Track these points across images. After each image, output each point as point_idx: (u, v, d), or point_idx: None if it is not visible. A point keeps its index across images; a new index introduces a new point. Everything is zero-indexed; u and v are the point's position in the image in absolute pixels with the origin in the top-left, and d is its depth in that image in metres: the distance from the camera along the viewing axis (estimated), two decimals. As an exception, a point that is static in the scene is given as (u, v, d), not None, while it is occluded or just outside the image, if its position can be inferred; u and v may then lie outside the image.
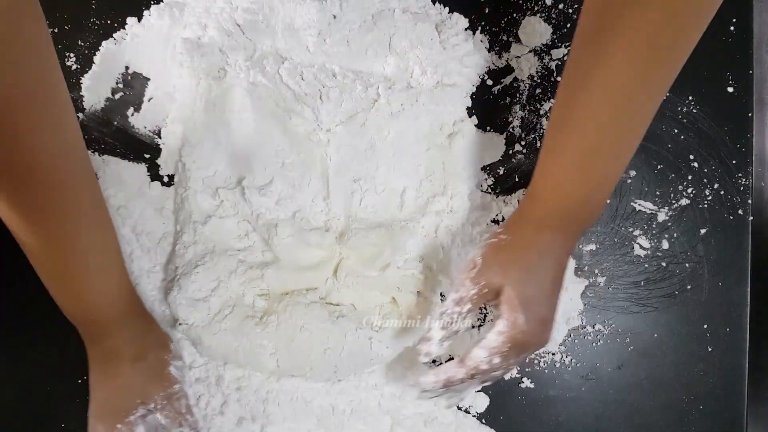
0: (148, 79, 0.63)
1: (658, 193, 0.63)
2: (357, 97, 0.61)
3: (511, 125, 0.64)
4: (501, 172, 0.64)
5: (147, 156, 0.63)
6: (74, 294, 0.54)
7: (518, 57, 0.64)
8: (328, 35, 0.60)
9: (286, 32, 0.60)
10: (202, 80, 0.61)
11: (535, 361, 0.63)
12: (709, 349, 0.63)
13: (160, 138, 0.63)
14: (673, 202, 0.63)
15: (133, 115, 0.63)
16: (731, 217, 0.63)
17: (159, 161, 0.63)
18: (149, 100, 0.63)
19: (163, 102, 0.63)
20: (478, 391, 0.61)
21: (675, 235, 0.63)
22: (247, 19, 0.59)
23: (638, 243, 0.63)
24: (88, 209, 0.51)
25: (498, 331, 0.50)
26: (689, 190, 0.63)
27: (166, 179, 0.63)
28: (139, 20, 0.63)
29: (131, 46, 0.63)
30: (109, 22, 0.62)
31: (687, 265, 0.63)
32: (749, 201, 0.63)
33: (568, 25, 0.64)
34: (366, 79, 0.61)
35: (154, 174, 0.63)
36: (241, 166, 0.61)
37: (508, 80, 0.64)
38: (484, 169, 0.64)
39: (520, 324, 0.50)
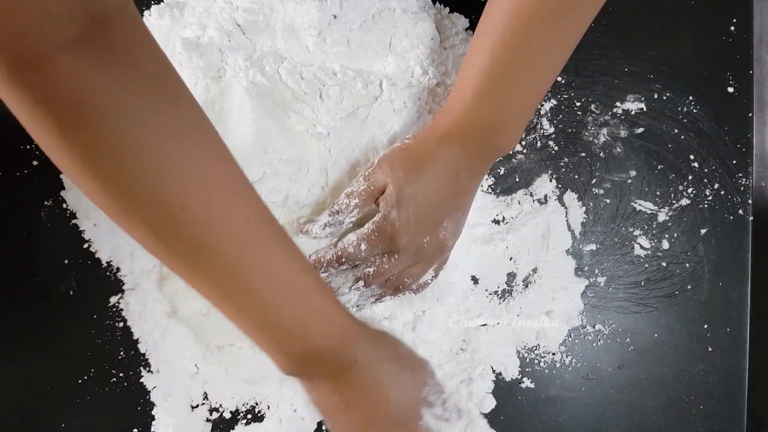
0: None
1: (658, 193, 0.63)
2: (357, 95, 0.61)
3: (511, 125, 0.64)
4: (501, 172, 0.64)
5: (147, 156, 0.63)
6: (289, 332, 0.46)
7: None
8: (328, 35, 0.60)
9: (286, 32, 0.60)
10: (201, 80, 0.61)
11: (535, 361, 0.63)
12: (709, 349, 0.63)
13: (160, 138, 0.63)
14: (674, 202, 0.63)
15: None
16: (731, 217, 0.63)
17: None
18: None
19: None
20: (487, 393, 0.61)
21: (675, 235, 0.63)
22: (247, 19, 0.60)
23: (638, 243, 0.63)
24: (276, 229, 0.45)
25: (372, 221, 0.53)
26: (689, 190, 0.63)
27: (166, 179, 0.63)
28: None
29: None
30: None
31: (687, 265, 0.63)
32: (749, 201, 0.63)
33: (569, 25, 0.64)
34: (366, 77, 0.61)
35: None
36: (239, 164, 0.61)
37: (508, 80, 0.64)
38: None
39: (391, 218, 0.52)
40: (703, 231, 0.63)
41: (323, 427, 0.62)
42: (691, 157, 0.63)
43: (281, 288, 0.44)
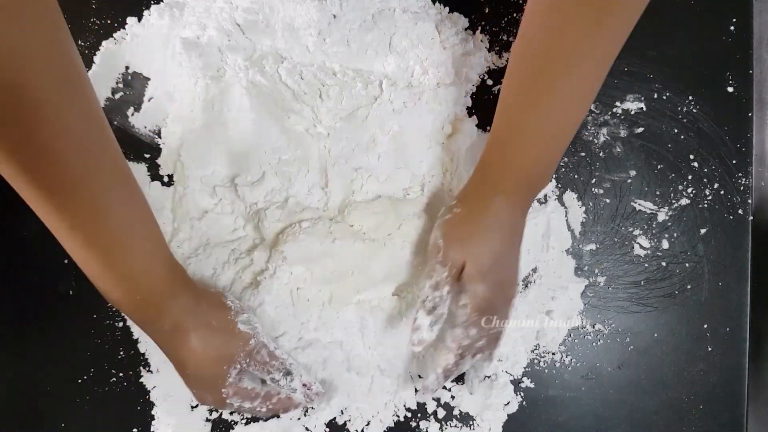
0: (149, 79, 0.63)
1: (658, 192, 0.63)
2: (357, 95, 0.61)
3: (511, 125, 0.64)
4: (501, 172, 0.64)
5: (147, 156, 0.63)
6: (120, 277, 0.50)
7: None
8: (328, 35, 0.60)
9: (285, 32, 0.60)
10: (200, 80, 0.61)
11: (535, 361, 0.63)
12: (709, 349, 0.63)
13: (160, 138, 0.63)
14: (673, 201, 0.63)
15: (133, 114, 0.63)
16: (731, 217, 0.63)
17: (159, 161, 0.63)
18: (149, 100, 0.63)
19: (163, 102, 0.63)
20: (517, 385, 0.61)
21: (675, 234, 0.63)
22: (247, 18, 0.60)
23: (638, 243, 0.63)
24: (117, 181, 0.47)
25: (462, 305, 0.54)
26: (689, 190, 0.63)
27: (166, 179, 0.63)
28: (139, 20, 0.63)
29: (131, 46, 0.63)
30: (109, 22, 0.62)
31: (687, 264, 0.63)
32: (749, 201, 0.63)
33: (568, 25, 0.64)
34: (366, 77, 0.61)
35: (154, 174, 0.63)
36: (238, 164, 0.61)
37: (508, 80, 0.64)
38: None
39: (480, 293, 0.53)
40: (702, 231, 0.63)
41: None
42: (691, 156, 0.63)
43: (122, 234, 0.48)
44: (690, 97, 0.63)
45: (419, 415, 0.63)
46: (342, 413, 0.63)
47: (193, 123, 0.61)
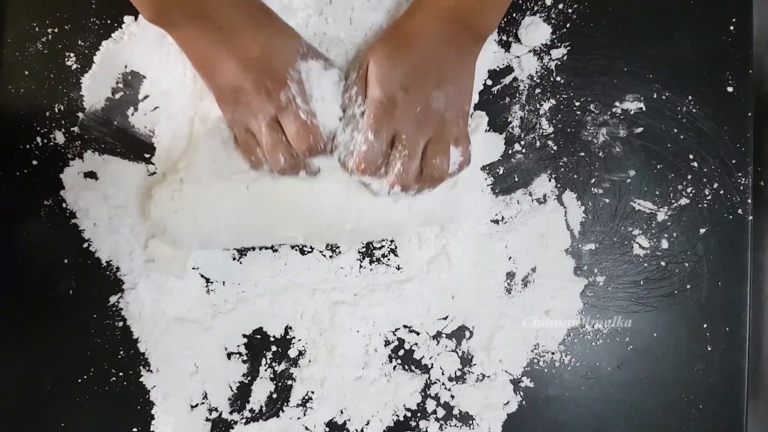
0: (146, 77, 0.63)
1: (657, 192, 0.63)
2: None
3: (510, 125, 0.64)
4: (500, 172, 0.64)
5: (147, 156, 0.63)
6: None
7: (518, 57, 0.64)
8: (329, 14, 0.60)
9: (283, 13, 0.59)
10: (189, 70, 0.61)
11: (535, 361, 0.63)
12: (709, 349, 0.63)
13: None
14: (673, 201, 0.63)
15: (133, 114, 0.63)
16: (731, 217, 0.63)
17: (153, 159, 0.63)
18: (144, 99, 0.63)
19: (159, 100, 0.63)
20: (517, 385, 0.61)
21: (674, 234, 0.63)
22: None
23: (637, 242, 0.63)
24: None
25: (364, 110, 0.54)
26: (689, 190, 0.63)
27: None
28: (136, 18, 0.63)
29: (129, 44, 0.62)
30: (109, 22, 0.63)
31: (686, 264, 0.63)
32: (749, 201, 0.63)
33: (568, 25, 0.64)
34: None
35: (155, 173, 0.63)
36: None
37: (507, 80, 0.64)
38: (483, 168, 0.64)
39: (376, 95, 0.52)
40: (702, 230, 0.63)
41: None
42: (691, 156, 0.63)
43: None
44: (689, 97, 0.63)
45: (419, 414, 0.63)
46: (341, 413, 0.63)
47: (184, 116, 0.61)
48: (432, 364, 0.63)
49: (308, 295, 0.63)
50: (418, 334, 0.63)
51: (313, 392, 0.63)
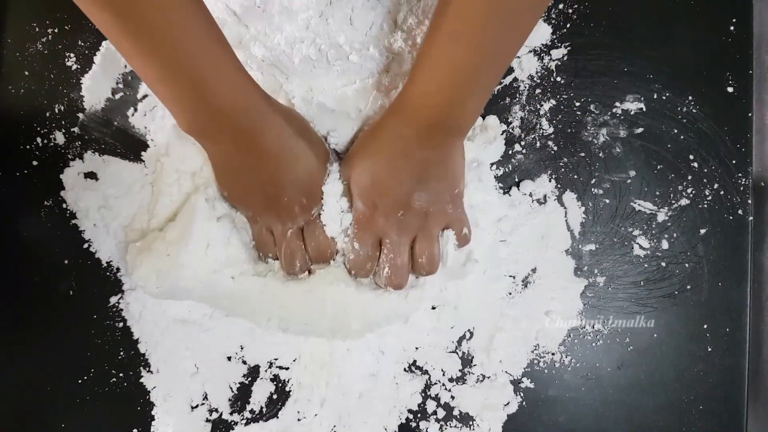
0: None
1: (657, 193, 0.63)
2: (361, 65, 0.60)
3: (510, 125, 0.64)
4: (500, 173, 0.64)
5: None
6: (202, 87, 0.48)
7: (518, 57, 0.64)
8: (330, 15, 0.59)
9: (283, 15, 0.59)
10: None
11: (535, 361, 0.63)
12: (709, 349, 0.63)
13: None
14: (673, 202, 0.63)
15: (133, 115, 0.63)
16: (731, 217, 0.63)
17: (144, 156, 0.62)
18: (143, 99, 0.63)
19: (157, 99, 0.63)
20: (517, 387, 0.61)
21: (675, 235, 0.63)
22: (243, 5, 0.59)
23: (638, 243, 0.63)
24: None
25: (350, 222, 0.57)
26: (689, 190, 0.63)
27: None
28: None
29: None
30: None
31: (687, 265, 0.63)
32: (749, 201, 0.63)
33: (568, 25, 0.64)
34: (375, 49, 0.60)
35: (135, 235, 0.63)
36: None
37: (507, 80, 0.64)
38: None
39: (358, 207, 0.56)
40: (702, 231, 0.63)
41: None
42: (691, 157, 0.63)
43: (195, 43, 0.45)
44: (690, 97, 0.63)
45: (419, 415, 0.63)
46: (341, 417, 0.63)
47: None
48: (432, 365, 0.63)
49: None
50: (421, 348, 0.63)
51: (313, 393, 0.63)
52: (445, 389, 0.63)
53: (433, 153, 0.54)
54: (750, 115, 0.63)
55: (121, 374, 0.62)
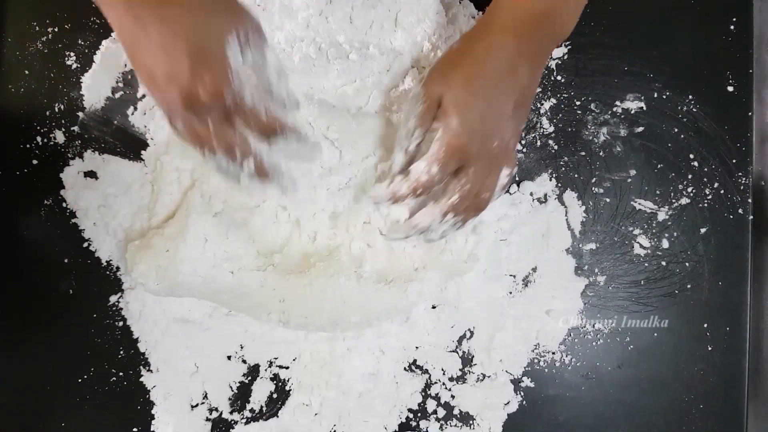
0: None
1: (658, 192, 0.63)
2: (365, 66, 0.60)
3: (511, 124, 0.64)
4: (501, 172, 0.63)
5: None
6: None
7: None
8: (330, 14, 0.59)
9: (283, 14, 0.59)
10: None
11: (535, 361, 0.63)
12: (709, 349, 0.63)
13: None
14: (673, 201, 0.63)
15: (133, 114, 0.63)
16: (731, 217, 0.63)
17: (144, 155, 0.62)
18: (143, 98, 0.63)
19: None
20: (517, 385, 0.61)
21: (675, 234, 0.63)
22: (242, 3, 0.59)
23: (638, 242, 0.63)
24: None
25: (435, 139, 0.49)
26: (689, 190, 0.63)
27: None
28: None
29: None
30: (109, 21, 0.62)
31: (687, 264, 0.63)
32: (749, 200, 0.63)
33: (568, 25, 0.64)
34: (375, 48, 0.60)
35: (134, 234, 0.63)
36: None
37: (508, 80, 0.64)
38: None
39: (453, 127, 0.48)
40: (702, 230, 0.63)
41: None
42: (691, 156, 0.63)
43: None
44: (690, 97, 0.63)
45: (419, 414, 0.63)
46: (341, 417, 0.63)
47: None
48: (433, 364, 0.63)
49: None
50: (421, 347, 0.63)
51: (313, 392, 0.63)
52: (446, 388, 0.63)
53: (529, 66, 0.49)
54: (750, 114, 0.63)
55: (121, 373, 0.62)
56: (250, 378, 0.63)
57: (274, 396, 0.63)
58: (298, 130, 0.49)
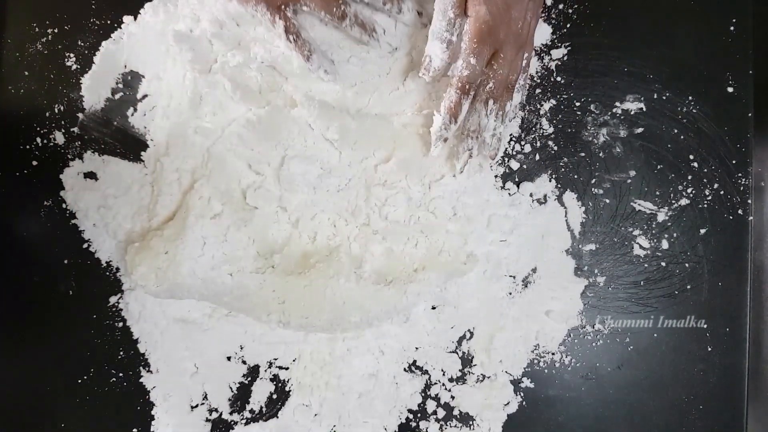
0: (144, 77, 0.63)
1: (657, 193, 0.63)
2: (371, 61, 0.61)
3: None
4: (500, 172, 0.63)
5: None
6: None
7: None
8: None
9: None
10: (189, 72, 0.61)
11: (535, 361, 0.63)
12: (709, 349, 0.63)
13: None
14: (673, 202, 0.63)
15: (132, 115, 0.63)
16: (731, 217, 0.63)
17: (143, 156, 0.62)
18: (143, 99, 0.63)
19: (157, 99, 0.63)
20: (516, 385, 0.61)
21: (675, 235, 0.63)
22: (240, 10, 0.59)
23: (638, 243, 0.63)
24: None
25: (465, 31, 0.52)
26: (689, 190, 0.63)
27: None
28: (135, 18, 0.62)
29: (128, 45, 0.62)
30: (108, 22, 0.62)
31: (687, 265, 0.63)
32: (749, 201, 0.63)
33: (568, 25, 0.64)
34: (373, 52, 0.60)
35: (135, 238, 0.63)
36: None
37: (507, 80, 0.64)
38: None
39: (481, 15, 0.51)
40: (702, 231, 0.63)
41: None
42: (691, 157, 0.63)
43: None
44: (690, 98, 0.63)
45: (419, 415, 0.63)
46: (341, 417, 0.63)
47: (179, 117, 0.61)
48: (432, 365, 0.63)
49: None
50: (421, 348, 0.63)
51: (313, 393, 0.63)
52: (445, 389, 0.63)
53: None
54: (749, 115, 0.63)
55: (120, 374, 0.62)
56: (249, 379, 0.63)
57: (274, 396, 0.63)
58: None
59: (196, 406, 0.63)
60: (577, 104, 0.63)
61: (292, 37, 0.56)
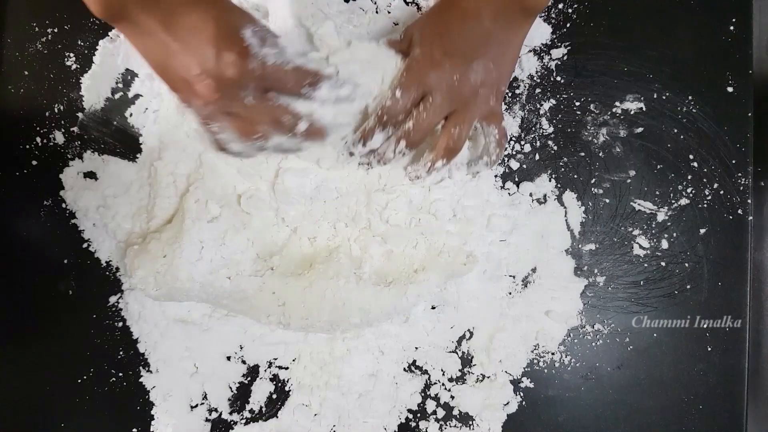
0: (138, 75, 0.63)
1: (657, 192, 0.63)
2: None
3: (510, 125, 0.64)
4: (500, 172, 0.63)
5: (147, 156, 0.63)
6: None
7: (518, 57, 0.64)
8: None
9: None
10: None
11: (535, 361, 0.63)
12: (709, 349, 0.63)
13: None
14: (673, 201, 0.63)
15: (132, 115, 0.63)
16: (731, 217, 0.63)
17: (139, 160, 0.62)
18: (135, 98, 0.63)
19: (149, 99, 0.62)
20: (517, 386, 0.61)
21: (674, 234, 0.63)
22: (239, 3, 0.59)
23: (638, 243, 0.63)
24: None
25: (399, 69, 0.53)
26: (689, 190, 0.63)
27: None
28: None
29: (126, 43, 0.62)
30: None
31: (686, 264, 0.63)
32: (749, 201, 0.63)
33: (568, 25, 0.64)
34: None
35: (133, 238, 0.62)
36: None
37: (507, 80, 0.64)
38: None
39: (416, 55, 0.52)
40: (702, 231, 0.63)
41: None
42: (691, 156, 0.63)
43: None
44: (690, 97, 0.63)
45: (419, 415, 0.63)
46: (340, 417, 0.63)
47: (170, 121, 0.61)
48: (432, 365, 0.63)
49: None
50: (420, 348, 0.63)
51: (313, 393, 0.63)
52: (445, 389, 0.63)
53: (503, 31, 0.53)
54: (749, 115, 0.63)
55: (120, 374, 0.62)
56: (249, 378, 0.63)
57: (274, 396, 0.63)
58: (330, 75, 0.51)
59: (196, 406, 0.63)
60: (577, 104, 0.63)
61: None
